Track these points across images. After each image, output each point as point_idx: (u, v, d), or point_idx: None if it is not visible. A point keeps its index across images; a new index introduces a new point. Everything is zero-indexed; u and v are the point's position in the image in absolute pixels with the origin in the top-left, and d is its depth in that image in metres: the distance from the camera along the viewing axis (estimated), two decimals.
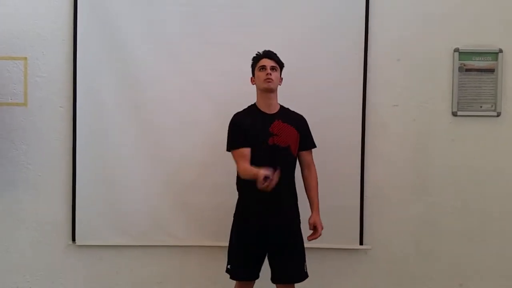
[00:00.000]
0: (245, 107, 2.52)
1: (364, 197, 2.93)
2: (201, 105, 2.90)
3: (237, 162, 2.41)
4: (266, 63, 2.44)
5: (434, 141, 2.96)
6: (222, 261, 2.55)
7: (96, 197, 2.90)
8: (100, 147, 2.90)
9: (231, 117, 2.49)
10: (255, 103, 2.51)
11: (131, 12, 2.87)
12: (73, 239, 2.92)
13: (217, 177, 2.88)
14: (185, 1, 2.88)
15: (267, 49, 2.49)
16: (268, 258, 2.47)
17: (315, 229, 2.47)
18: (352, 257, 2.97)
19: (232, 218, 2.52)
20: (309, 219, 2.49)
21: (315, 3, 2.88)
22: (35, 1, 2.90)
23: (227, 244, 2.52)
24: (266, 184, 2.12)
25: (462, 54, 2.93)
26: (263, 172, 2.13)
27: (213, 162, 2.88)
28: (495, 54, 2.93)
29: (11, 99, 2.90)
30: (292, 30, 2.86)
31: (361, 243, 2.94)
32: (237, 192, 2.52)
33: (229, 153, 2.48)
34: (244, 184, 2.43)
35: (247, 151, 2.39)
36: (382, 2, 2.91)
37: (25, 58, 2.90)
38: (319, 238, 2.48)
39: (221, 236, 2.81)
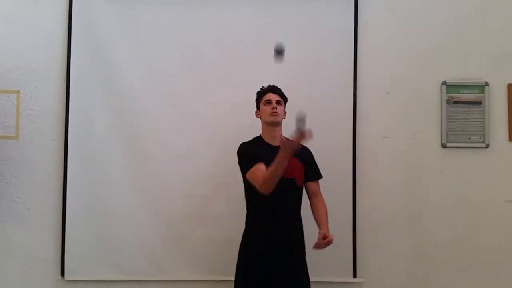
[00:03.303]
0: (241, 138, 2.53)
1: (357, 229, 2.92)
2: (196, 137, 2.90)
3: (254, 177, 2.33)
4: (271, 97, 2.49)
5: (424, 173, 2.99)
6: None
7: (86, 232, 2.86)
8: (91, 181, 2.88)
9: (225, 149, 2.51)
10: (260, 136, 2.54)
11: (125, 45, 2.90)
12: (62, 274, 2.87)
13: (211, 210, 2.87)
14: (179, 35, 2.92)
15: (260, 83, 2.54)
16: None
17: (324, 238, 2.35)
18: None
19: (230, 252, 2.47)
20: (320, 231, 2.38)
21: (305, 38, 2.93)
22: (28, 34, 2.92)
23: (219, 278, 2.49)
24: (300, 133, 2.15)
25: (450, 87, 2.99)
26: (286, 143, 2.16)
27: (207, 195, 2.88)
28: (481, 87, 2.99)
29: (2, 132, 2.90)
30: (283, 65, 2.88)
31: (354, 276, 2.92)
32: (235, 225, 2.50)
33: (223, 186, 2.46)
34: (253, 217, 2.44)
35: (262, 165, 2.33)
36: (370, 38, 2.97)
37: (18, 92, 2.91)
38: (312, 271, 2.46)
39: (214, 270, 2.79)
